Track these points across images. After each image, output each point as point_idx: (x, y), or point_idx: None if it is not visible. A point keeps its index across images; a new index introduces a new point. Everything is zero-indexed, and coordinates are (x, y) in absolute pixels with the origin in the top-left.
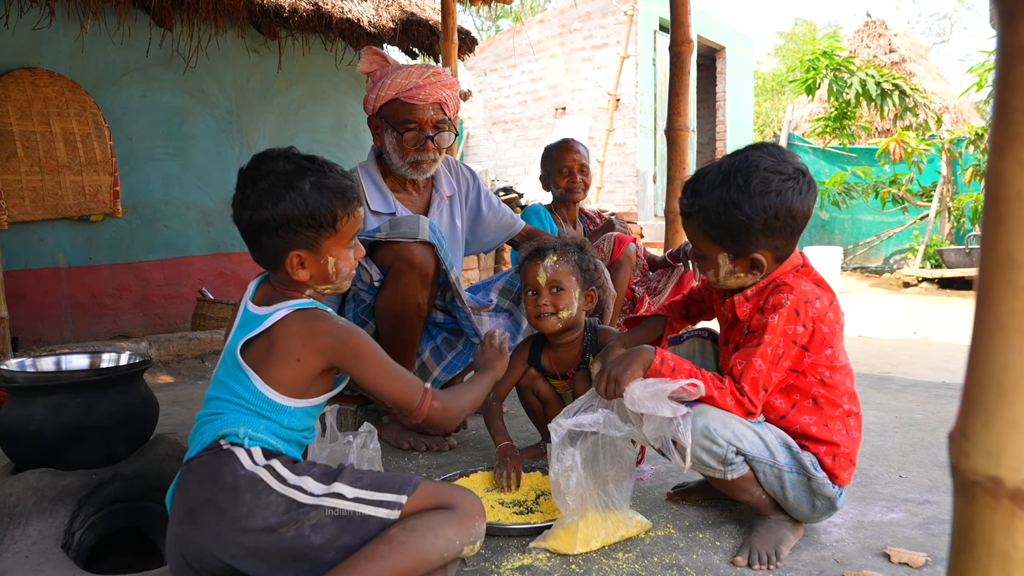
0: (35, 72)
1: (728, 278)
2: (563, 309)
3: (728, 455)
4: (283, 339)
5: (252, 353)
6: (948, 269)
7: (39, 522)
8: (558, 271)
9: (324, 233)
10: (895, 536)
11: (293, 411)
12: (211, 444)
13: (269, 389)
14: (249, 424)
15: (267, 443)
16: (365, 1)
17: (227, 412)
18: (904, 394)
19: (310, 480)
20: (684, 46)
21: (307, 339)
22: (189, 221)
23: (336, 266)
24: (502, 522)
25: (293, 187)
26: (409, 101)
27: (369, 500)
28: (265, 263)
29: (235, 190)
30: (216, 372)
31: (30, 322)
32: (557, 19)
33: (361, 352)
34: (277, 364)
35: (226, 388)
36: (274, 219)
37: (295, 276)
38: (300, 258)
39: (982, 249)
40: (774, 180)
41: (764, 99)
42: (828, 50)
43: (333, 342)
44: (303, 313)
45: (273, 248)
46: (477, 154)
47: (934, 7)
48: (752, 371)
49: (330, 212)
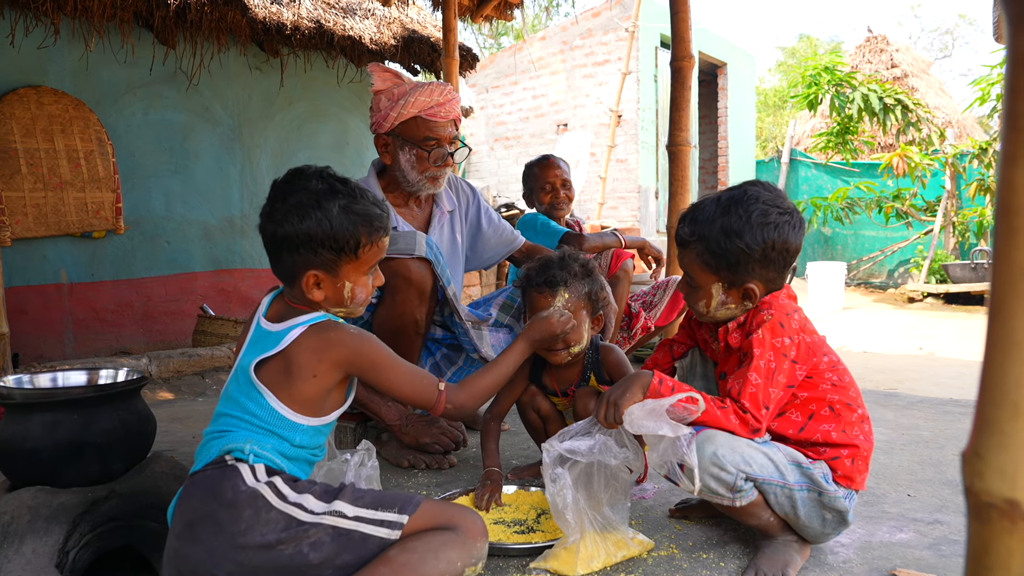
0: (40, 90)
1: (719, 309)
2: (574, 344)
3: (737, 482)
4: (299, 356)
5: (267, 371)
6: (953, 284)
7: (33, 541)
8: (568, 309)
9: (344, 257)
10: (904, 557)
11: (306, 429)
12: (216, 459)
13: (284, 407)
14: (256, 441)
15: (271, 461)
16: (367, 19)
17: (236, 430)
18: (911, 411)
19: (311, 498)
20: (685, 61)
21: (322, 352)
22: (191, 237)
23: (352, 292)
24: (503, 542)
25: (321, 207)
26: (431, 119)
27: (370, 519)
28: (283, 278)
29: (266, 201)
30: (227, 388)
31: (32, 338)
32: (559, 36)
33: (376, 360)
34: (295, 382)
35: (237, 405)
36: (296, 236)
37: (310, 296)
38: (317, 278)
39: (994, 262)
40: (772, 213)
41: (766, 115)
42: (830, 65)
43: (348, 353)
44: (316, 327)
45: (291, 265)
46: (479, 170)
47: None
48: (749, 387)
49: (353, 237)
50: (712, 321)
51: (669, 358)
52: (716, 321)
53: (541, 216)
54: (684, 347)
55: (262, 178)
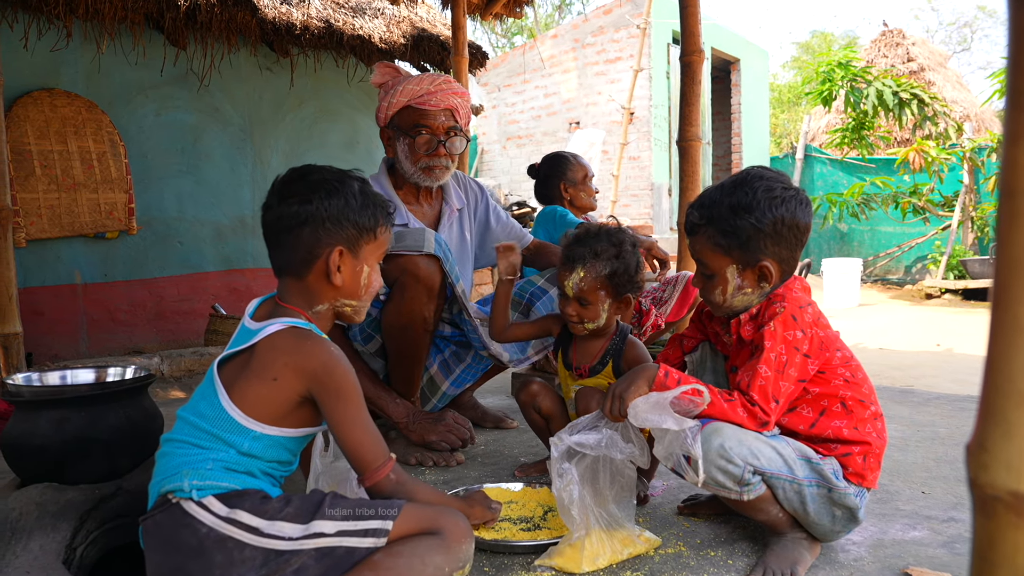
0: (53, 92)
1: (735, 295)
2: (588, 321)
3: (745, 475)
4: (264, 353)
5: (229, 368)
6: (972, 280)
7: (41, 537)
8: (583, 288)
9: (366, 237)
10: (917, 555)
11: (258, 436)
12: (159, 501)
13: (233, 406)
14: (193, 465)
15: (216, 487)
16: (376, 18)
17: (177, 441)
18: (927, 407)
19: (285, 525)
20: (695, 56)
21: (290, 357)
22: (203, 237)
23: (368, 279)
24: (508, 539)
25: (344, 184)
26: (421, 107)
27: (353, 531)
28: (293, 264)
29: (273, 193)
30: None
31: (47, 338)
32: (570, 34)
33: (344, 390)
34: (250, 379)
35: (192, 407)
36: (323, 210)
37: (332, 278)
38: (342, 254)
39: (997, 247)
40: (777, 188)
41: (780, 111)
42: (844, 60)
43: (317, 367)
44: (295, 330)
45: (313, 243)
46: (492, 169)
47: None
48: (759, 379)
49: (373, 216)
50: (729, 312)
51: (679, 353)
52: (733, 311)
53: (560, 208)
54: (694, 341)
55: (273, 178)
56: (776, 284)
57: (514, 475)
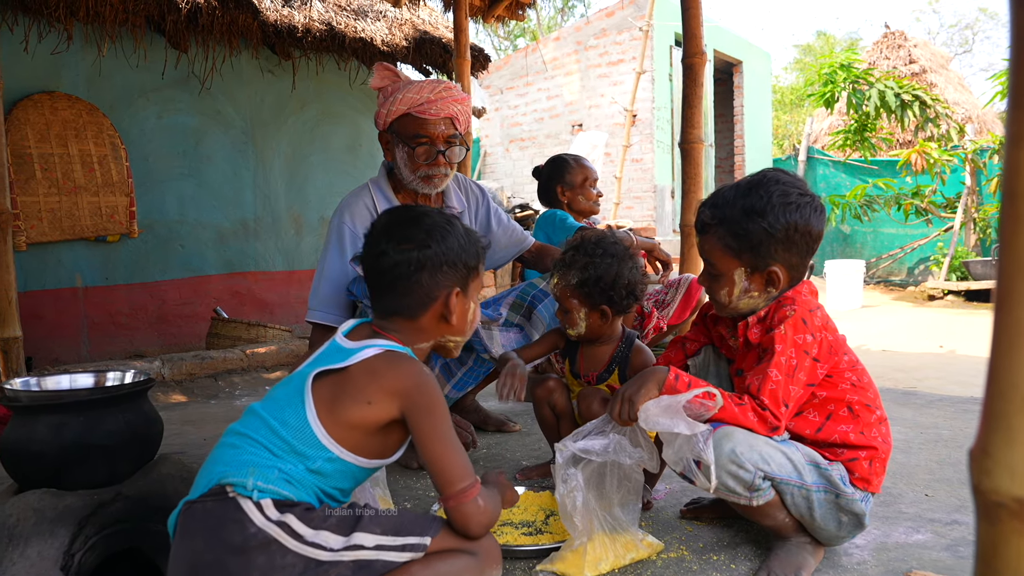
0: (54, 95)
1: (741, 298)
2: (570, 327)
3: (755, 481)
4: (360, 376)
5: (323, 384)
6: (975, 281)
7: (38, 543)
8: (557, 295)
9: (473, 274)
10: (921, 559)
11: (333, 458)
12: (215, 488)
13: (319, 425)
14: (260, 469)
15: (277, 493)
16: (378, 20)
17: (247, 445)
18: (930, 409)
19: (328, 534)
20: (697, 58)
21: (385, 378)
22: (204, 241)
23: (474, 313)
24: (509, 544)
25: (452, 227)
26: (421, 116)
27: (391, 546)
28: (409, 307)
29: (383, 238)
30: (273, 389)
31: (48, 342)
32: (573, 36)
33: (433, 407)
34: (344, 401)
35: (272, 408)
36: (443, 254)
37: (450, 318)
38: (458, 294)
39: (1000, 249)
40: (793, 193)
41: (783, 113)
42: (846, 62)
43: (410, 386)
44: (391, 354)
45: (432, 287)
46: (494, 171)
47: (955, 17)
48: (769, 383)
49: (477, 255)
50: (734, 313)
51: (682, 356)
52: (738, 313)
53: (560, 212)
54: (697, 345)
55: (275, 181)
56: (784, 289)
57: (515, 478)
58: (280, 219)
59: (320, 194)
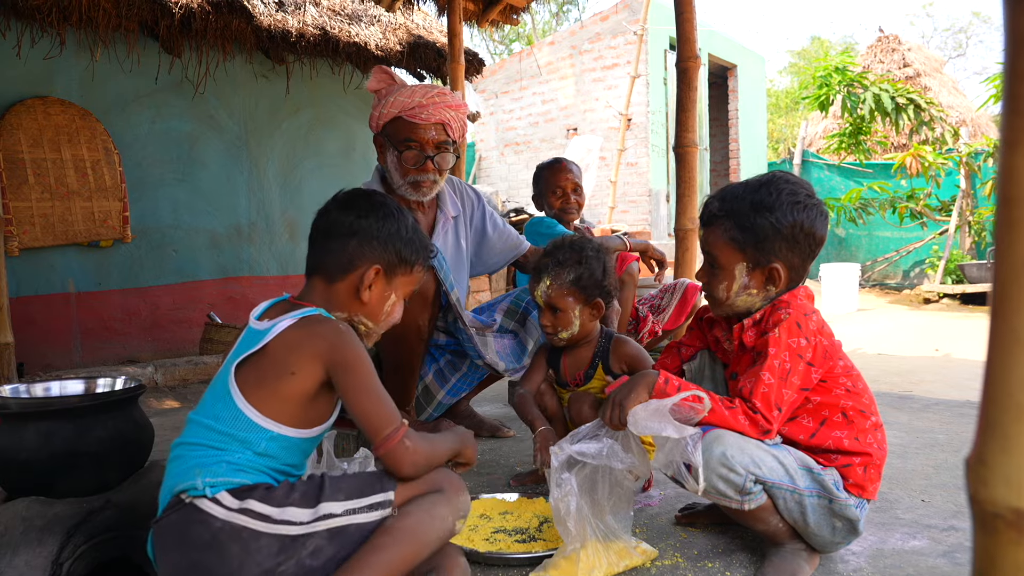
0: (46, 100)
1: (740, 294)
2: (562, 330)
3: (746, 484)
4: (278, 350)
5: (245, 371)
6: (970, 284)
7: (26, 552)
8: (551, 296)
9: (403, 267)
10: (918, 565)
11: (274, 436)
12: (172, 500)
13: (251, 408)
14: (205, 466)
15: (230, 483)
16: (372, 25)
17: (190, 444)
18: (926, 413)
19: (295, 509)
20: (691, 62)
21: (303, 344)
22: (198, 246)
23: (392, 307)
24: (503, 551)
25: (402, 216)
26: (411, 120)
27: (360, 507)
28: (330, 267)
29: (333, 201)
30: (204, 393)
31: (40, 347)
32: (567, 41)
33: (353, 363)
34: (267, 379)
35: (205, 410)
36: (376, 229)
37: (362, 292)
38: (378, 272)
39: (996, 256)
40: (802, 194)
41: (777, 116)
42: (841, 66)
43: (328, 346)
44: (304, 320)
45: (355, 255)
46: (489, 176)
47: (949, 21)
48: (761, 386)
49: (416, 253)
50: (729, 312)
51: (677, 361)
52: (733, 311)
53: (548, 219)
54: (692, 350)
55: (269, 186)
56: (782, 291)
57: (509, 485)
58: (274, 224)
59: (314, 199)
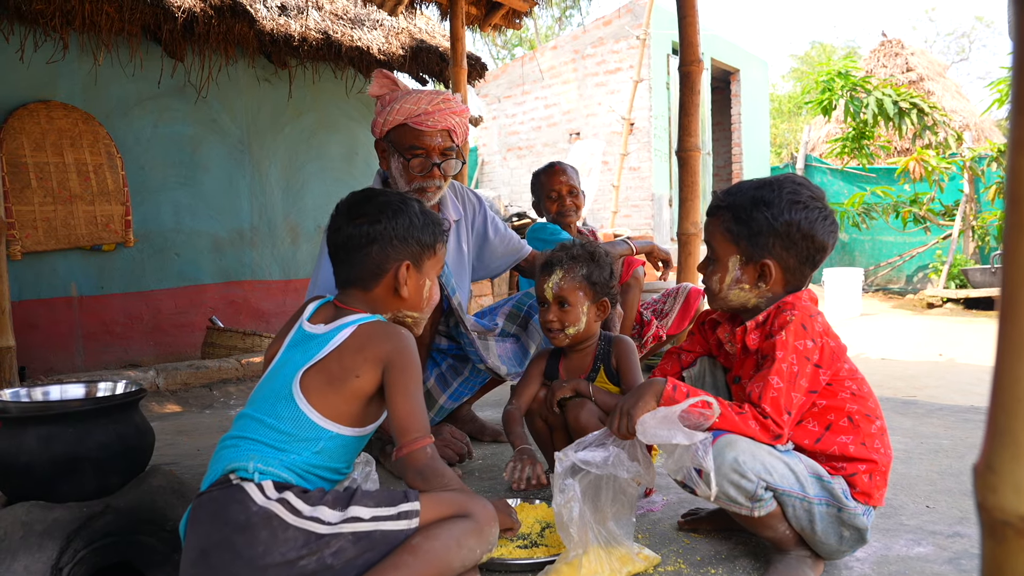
0: (49, 104)
1: (732, 287)
2: (569, 325)
3: (758, 491)
4: (345, 356)
5: (309, 375)
6: (973, 289)
7: (26, 557)
8: (563, 288)
9: (427, 252)
10: (923, 572)
11: (334, 436)
12: (220, 478)
13: (315, 412)
14: (261, 455)
15: (278, 476)
16: (375, 29)
17: (246, 441)
18: (930, 419)
19: (326, 509)
20: (693, 66)
21: (367, 348)
22: (200, 250)
23: (430, 292)
24: (504, 557)
25: (407, 205)
26: (417, 127)
27: (387, 516)
28: (362, 277)
29: (340, 216)
30: (258, 388)
31: (43, 351)
32: (570, 45)
33: (407, 366)
34: (337, 384)
35: (265, 408)
36: (391, 229)
37: (400, 291)
38: (408, 268)
39: (1004, 259)
40: (804, 194)
41: (780, 121)
42: (843, 70)
43: (391, 348)
44: (366, 326)
45: (382, 259)
46: (492, 180)
47: (952, 26)
48: (771, 390)
49: (433, 234)
50: (724, 306)
51: (677, 367)
52: (728, 306)
53: (550, 224)
54: (693, 356)
55: (271, 189)
56: (779, 293)
57: (510, 489)
58: (276, 228)
59: (316, 203)
